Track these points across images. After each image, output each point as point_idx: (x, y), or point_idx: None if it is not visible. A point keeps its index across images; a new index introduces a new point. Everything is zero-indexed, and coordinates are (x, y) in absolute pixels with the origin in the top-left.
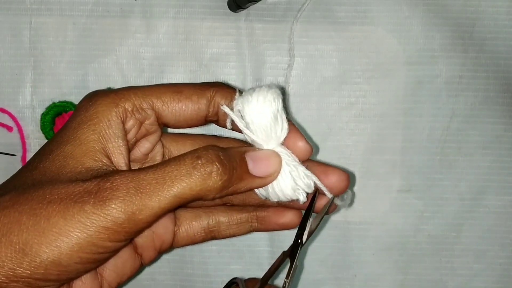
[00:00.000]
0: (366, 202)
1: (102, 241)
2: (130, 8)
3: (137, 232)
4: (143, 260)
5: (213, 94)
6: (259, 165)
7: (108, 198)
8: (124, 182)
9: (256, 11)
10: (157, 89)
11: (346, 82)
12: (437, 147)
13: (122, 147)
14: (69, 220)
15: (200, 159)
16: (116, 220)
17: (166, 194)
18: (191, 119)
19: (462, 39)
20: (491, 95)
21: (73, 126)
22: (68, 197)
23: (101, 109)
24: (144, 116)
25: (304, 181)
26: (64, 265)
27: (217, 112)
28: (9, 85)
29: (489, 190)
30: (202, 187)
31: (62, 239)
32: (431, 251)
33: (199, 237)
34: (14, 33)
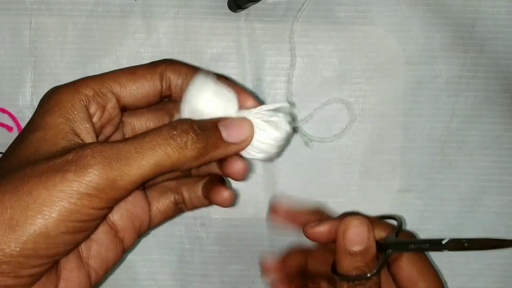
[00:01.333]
0: (367, 202)
1: (85, 208)
2: (130, 8)
3: (118, 199)
4: (125, 244)
5: (164, 70)
6: (231, 131)
7: (89, 164)
8: (104, 150)
9: (256, 11)
10: (113, 74)
11: (346, 82)
12: (437, 147)
13: (89, 128)
14: (52, 190)
15: (175, 129)
16: (97, 187)
17: (146, 162)
18: (148, 97)
19: (462, 39)
20: (491, 95)
21: (39, 115)
22: (49, 169)
23: (63, 96)
24: (105, 100)
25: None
26: (52, 236)
27: (169, 87)
28: (9, 85)
29: (489, 190)
30: (180, 155)
31: (47, 209)
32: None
33: (170, 211)
34: (14, 33)
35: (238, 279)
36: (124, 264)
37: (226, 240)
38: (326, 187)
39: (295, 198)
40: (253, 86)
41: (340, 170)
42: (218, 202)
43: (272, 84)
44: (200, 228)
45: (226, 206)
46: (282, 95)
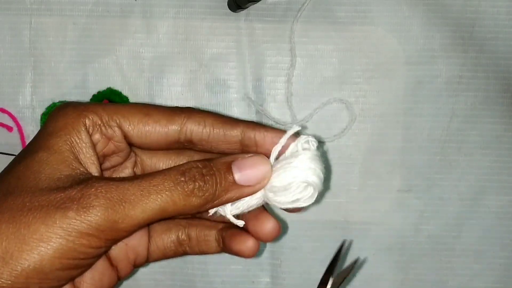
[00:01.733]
0: (366, 202)
1: (83, 247)
2: (130, 8)
3: (117, 240)
4: (119, 273)
5: (184, 121)
6: (245, 172)
7: (92, 205)
8: (109, 190)
9: (256, 11)
10: (127, 109)
11: (346, 82)
12: (437, 147)
13: (93, 157)
14: (51, 226)
15: (184, 175)
16: (98, 227)
17: (150, 206)
18: (158, 143)
19: (462, 39)
20: (491, 95)
21: (44, 136)
22: (50, 203)
23: (70, 120)
24: (110, 133)
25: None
26: (45, 272)
27: (190, 139)
28: (9, 85)
29: (489, 190)
30: (186, 202)
31: (44, 245)
32: (431, 251)
33: (170, 251)
34: (14, 33)
35: (238, 279)
36: None
37: None
38: (326, 187)
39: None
40: (253, 86)
41: (340, 170)
42: (240, 252)
43: (272, 84)
44: None
45: (248, 257)
46: (282, 95)
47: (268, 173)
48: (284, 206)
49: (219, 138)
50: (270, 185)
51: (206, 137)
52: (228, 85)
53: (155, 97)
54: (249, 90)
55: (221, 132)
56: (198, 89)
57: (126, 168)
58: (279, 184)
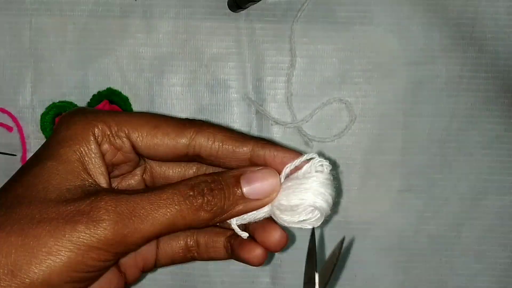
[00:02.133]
0: (366, 202)
1: (92, 260)
2: (130, 8)
3: (126, 253)
4: (127, 279)
5: (193, 136)
6: (254, 186)
7: (102, 218)
8: (118, 203)
9: (256, 11)
10: (136, 120)
11: (346, 82)
12: (437, 147)
13: (102, 167)
14: (60, 240)
15: (192, 190)
16: (107, 241)
17: (159, 220)
18: (166, 155)
19: (462, 39)
20: (491, 95)
21: (53, 144)
22: (59, 216)
23: (79, 129)
24: (119, 144)
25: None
26: (53, 285)
27: (199, 154)
28: (9, 85)
29: (489, 190)
30: (194, 217)
31: (52, 258)
32: (431, 251)
33: (178, 257)
34: (14, 33)
35: (238, 279)
36: None
37: None
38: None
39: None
40: (253, 86)
41: (340, 170)
42: (248, 260)
43: (272, 84)
44: None
45: (256, 265)
46: (282, 95)
47: (277, 186)
48: (289, 225)
49: (228, 154)
50: (278, 202)
51: (215, 153)
52: (228, 85)
53: (155, 97)
54: (249, 90)
55: (230, 149)
56: (198, 89)
57: (136, 175)
58: (286, 203)
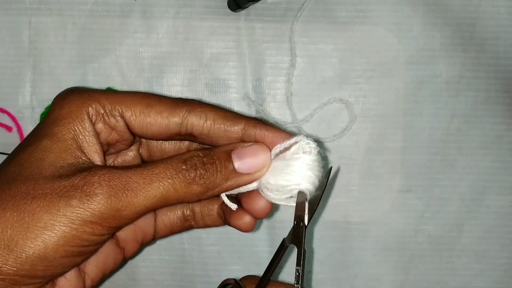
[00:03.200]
0: (367, 202)
1: (86, 234)
2: (130, 8)
3: (120, 227)
4: (126, 254)
5: (186, 114)
6: (245, 160)
7: (95, 192)
8: (112, 177)
9: (256, 11)
10: (130, 98)
11: (346, 82)
12: (438, 147)
13: (96, 145)
14: (54, 215)
15: (185, 163)
16: (101, 215)
17: (152, 194)
18: (159, 134)
19: (463, 39)
20: (491, 95)
21: (48, 123)
22: (53, 191)
23: (73, 108)
24: (113, 123)
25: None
26: (50, 260)
27: (191, 132)
28: (9, 85)
29: (489, 190)
30: (187, 190)
31: (47, 233)
32: (431, 251)
33: (177, 226)
34: (14, 33)
35: None
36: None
37: (226, 240)
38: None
39: None
40: (253, 86)
41: (340, 170)
42: (237, 226)
43: (272, 84)
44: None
45: (246, 231)
46: (282, 95)
47: (267, 161)
48: (276, 202)
49: (219, 133)
50: (265, 181)
51: (206, 132)
52: (228, 85)
53: None
54: (249, 90)
55: (221, 128)
56: (198, 89)
57: (131, 151)
58: (273, 183)
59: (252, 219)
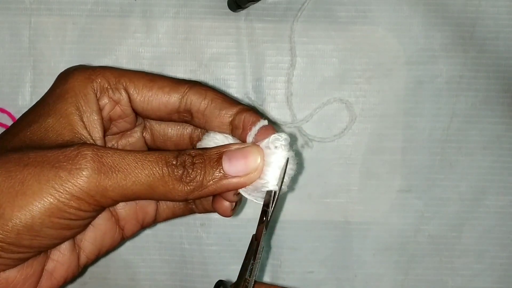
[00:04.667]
0: (367, 202)
1: (73, 209)
2: (130, 8)
3: (105, 206)
4: (125, 233)
5: (186, 90)
6: (234, 163)
7: (85, 166)
8: (104, 155)
9: (256, 11)
10: (133, 74)
11: (346, 82)
12: (438, 147)
13: (97, 121)
14: (44, 185)
15: (176, 159)
16: (88, 192)
17: (141, 180)
18: (158, 110)
19: (463, 39)
20: (491, 95)
21: (52, 99)
22: (46, 160)
23: (77, 83)
24: (117, 97)
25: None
26: (36, 230)
27: (189, 110)
28: (9, 85)
29: (489, 190)
30: (173, 186)
31: (35, 203)
32: (431, 251)
33: (179, 209)
34: (14, 33)
35: None
36: (124, 264)
37: (226, 240)
38: (326, 187)
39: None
40: (253, 86)
41: (340, 170)
42: (218, 211)
43: (272, 84)
44: (200, 228)
45: (224, 216)
46: (282, 95)
47: (259, 165)
48: (244, 195)
49: (214, 114)
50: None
51: (203, 109)
52: (228, 85)
53: None
54: (249, 90)
55: (217, 108)
56: None
57: (135, 132)
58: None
59: (229, 204)
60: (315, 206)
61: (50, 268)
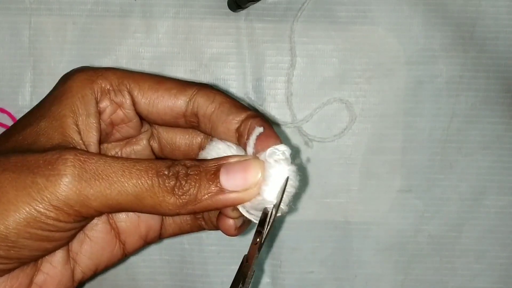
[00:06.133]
0: (367, 202)
1: (50, 219)
2: (130, 8)
3: (86, 218)
4: (127, 249)
5: (194, 93)
6: (232, 176)
7: (65, 172)
8: (88, 161)
9: (256, 11)
10: (138, 75)
11: (346, 82)
12: (438, 147)
13: (93, 124)
14: (20, 191)
15: (168, 169)
16: (67, 201)
17: (127, 191)
18: (164, 114)
19: (463, 39)
20: (491, 95)
21: (49, 101)
22: (24, 164)
23: (75, 84)
24: (120, 99)
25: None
26: (12, 240)
27: (196, 113)
28: (9, 85)
29: (489, 190)
30: (163, 199)
31: (9, 212)
32: (431, 251)
33: (186, 224)
34: (14, 33)
35: None
36: (124, 264)
37: (226, 240)
38: (326, 187)
39: None
40: (253, 86)
41: (340, 170)
42: (222, 229)
43: (272, 84)
44: None
45: (229, 235)
46: (282, 95)
47: (259, 179)
48: (247, 216)
49: (220, 119)
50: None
51: (209, 113)
52: (228, 85)
53: None
54: (249, 90)
55: (224, 112)
56: None
57: (141, 140)
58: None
59: (234, 222)
60: (315, 206)
61: (40, 282)
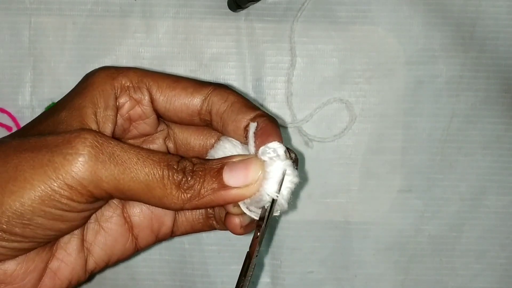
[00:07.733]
0: (367, 202)
1: (64, 198)
2: (130, 8)
3: (99, 199)
4: (139, 243)
5: (210, 92)
6: (234, 174)
7: (82, 152)
8: (105, 144)
9: (256, 11)
10: (158, 74)
11: (346, 82)
12: (438, 147)
13: (110, 117)
14: (37, 170)
15: (177, 164)
16: (82, 181)
17: (139, 178)
18: (180, 111)
19: (463, 39)
20: (491, 95)
21: (71, 95)
22: (44, 145)
23: (97, 80)
24: (138, 96)
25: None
26: (27, 218)
27: (210, 112)
28: (9, 85)
29: (489, 190)
30: (170, 191)
31: (25, 191)
32: (431, 251)
33: (198, 224)
34: (14, 33)
35: None
36: (124, 264)
37: (226, 240)
38: (326, 187)
39: None
40: (253, 86)
41: (340, 170)
42: (229, 228)
43: (272, 84)
44: None
45: (235, 233)
46: (282, 95)
47: (259, 176)
48: (249, 214)
49: (231, 118)
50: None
51: (221, 112)
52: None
53: None
54: (249, 90)
55: (235, 111)
56: None
57: (157, 139)
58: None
59: (238, 222)
60: (315, 206)
61: (54, 267)
